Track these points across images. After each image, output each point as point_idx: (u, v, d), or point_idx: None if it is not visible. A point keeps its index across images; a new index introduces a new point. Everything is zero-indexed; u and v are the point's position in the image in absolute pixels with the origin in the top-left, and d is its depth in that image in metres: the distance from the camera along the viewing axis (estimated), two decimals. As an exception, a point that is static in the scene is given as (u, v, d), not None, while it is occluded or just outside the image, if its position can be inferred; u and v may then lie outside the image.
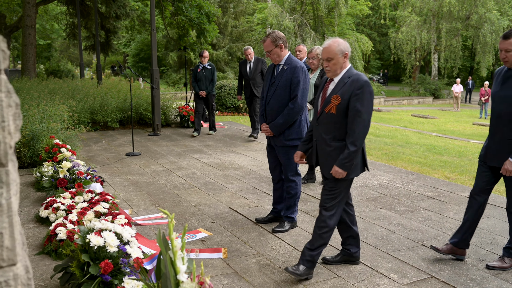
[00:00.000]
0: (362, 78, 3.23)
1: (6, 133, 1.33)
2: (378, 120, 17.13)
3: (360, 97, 3.17)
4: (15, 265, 1.37)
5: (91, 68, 41.60)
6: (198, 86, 9.81)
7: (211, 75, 9.79)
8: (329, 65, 3.29)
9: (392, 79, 47.66)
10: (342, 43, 3.28)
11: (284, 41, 4.34)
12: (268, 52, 4.34)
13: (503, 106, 3.50)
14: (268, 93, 4.43)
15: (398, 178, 6.45)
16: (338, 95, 3.24)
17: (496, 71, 3.73)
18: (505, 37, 3.46)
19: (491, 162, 3.64)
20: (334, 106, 3.25)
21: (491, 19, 30.82)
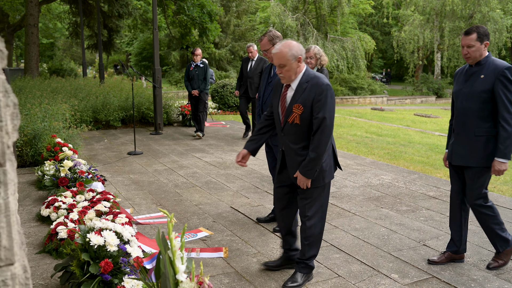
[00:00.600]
0: (322, 81, 3.03)
1: (4, 133, 1.32)
2: (380, 119, 17.10)
3: (323, 103, 2.99)
4: (12, 265, 1.37)
5: (94, 67, 41.65)
6: (191, 85, 9.60)
7: (204, 74, 9.55)
8: (282, 72, 3.06)
9: (395, 78, 47.57)
10: (294, 46, 3.03)
11: (281, 39, 4.34)
12: (265, 51, 4.35)
13: (469, 103, 3.46)
14: (265, 93, 4.43)
15: (400, 178, 6.44)
16: (299, 104, 3.05)
17: (457, 71, 3.72)
18: (466, 33, 3.46)
19: (457, 162, 3.59)
20: (298, 116, 3.07)
21: (495, 18, 30.71)
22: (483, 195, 3.55)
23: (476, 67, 3.49)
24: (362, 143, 10.02)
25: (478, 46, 3.41)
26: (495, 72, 3.37)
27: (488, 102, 3.40)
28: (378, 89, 29.98)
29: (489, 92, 3.38)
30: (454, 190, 3.75)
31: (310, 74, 3.10)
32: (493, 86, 3.36)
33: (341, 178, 6.36)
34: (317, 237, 3.28)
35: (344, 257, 3.82)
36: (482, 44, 3.42)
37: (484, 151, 3.45)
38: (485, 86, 3.39)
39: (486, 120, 3.43)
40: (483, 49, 3.43)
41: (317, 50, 5.34)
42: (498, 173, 3.42)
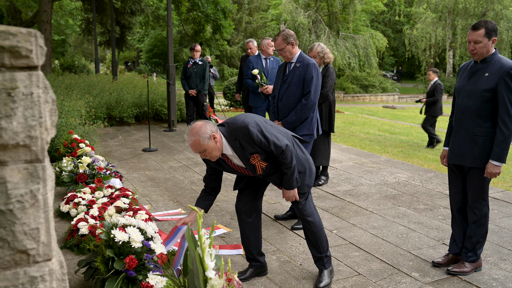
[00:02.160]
0: (242, 128, 2.91)
1: (43, 129, 1.34)
2: (392, 117, 17.00)
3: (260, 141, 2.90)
4: (50, 260, 1.39)
5: (105, 64, 41.87)
6: (188, 84, 8.92)
7: (203, 72, 8.82)
8: (206, 154, 2.88)
9: (406, 76, 47.26)
10: (201, 131, 2.80)
11: (294, 38, 4.34)
12: (280, 50, 4.35)
13: (470, 101, 3.36)
14: (280, 90, 4.44)
15: (416, 176, 6.40)
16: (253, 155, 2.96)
17: (461, 66, 3.60)
18: (474, 28, 3.31)
19: (454, 160, 3.51)
20: (261, 162, 3.00)
21: (508, 16, 30.36)
22: (482, 196, 3.44)
23: (481, 64, 3.37)
24: (375, 141, 9.98)
25: (485, 42, 3.28)
26: (500, 71, 3.25)
27: (489, 102, 3.29)
28: (389, 87, 29.81)
29: (492, 91, 3.27)
30: (452, 191, 3.65)
31: (231, 135, 2.93)
32: (497, 85, 3.25)
33: (357, 176, 6.35)
34: (319, 225, 3.31)
35: (364, 255, 3.81)
36: (490, 40, 3.28)
37: (481, 152, 3.33)
38: (488, 85, 3.28)
39: (486, 120, 3.32)
40: (490, 46, 3.30)
41: (320, 48, 5.27)
42: (491, 175, 3.32)
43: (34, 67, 1.30)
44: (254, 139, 2.88)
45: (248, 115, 3.05)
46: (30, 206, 1.32)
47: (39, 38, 1.30)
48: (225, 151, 2.97)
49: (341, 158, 7.56)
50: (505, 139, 3.25)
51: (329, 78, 5.47)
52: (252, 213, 3.36)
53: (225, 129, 2.97)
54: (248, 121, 2.91)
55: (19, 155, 1.30)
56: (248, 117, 2.98)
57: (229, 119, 3.06)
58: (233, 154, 3.00)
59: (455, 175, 3.60)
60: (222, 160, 3.10)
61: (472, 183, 3.45)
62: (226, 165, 3.13)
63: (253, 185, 3.36)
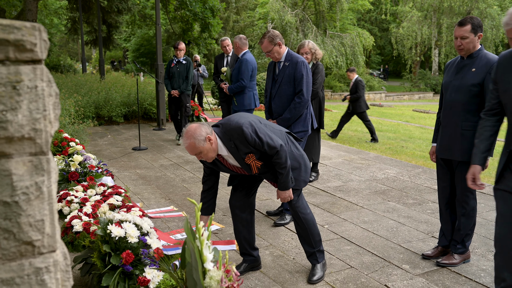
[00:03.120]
0: (236, 129, 2.95)
1: (47, 122, 1.36)
2: (380, 115, 17.16)
3: (255, 141, 2.95)
4: (55, 252, 1.41)
5: (91, 63, 41.54)
6: (171, 84, 8.43)
7: (186, 72, 8.34)
8: (202, 156, 2.93)
9: (393, 75, 47.64)
10: (196, 133, 2.84)
11: (280, 38, 4.37)
12: (268, 52, 4.36)
13: (458, 96, 3.43)
14: (272, 90, 4.48)
15: (405, 172, 6.50)
16: (248, 155, 3.01)
17: (448, 62, 3.67)
18: (460, 24, 3.38)
19: (442, 154, 3.58)
20: (256, 161, 3.05)
21: (492, 15, 30.79)
22: (470, 190, 3.50)
23: (468, 59, 3.44)
24: (363, 138, 10.08)
25: (472, 38, 3.35)
26: (487, 66, 3.32)
27: (477, 96, 3.36)
28: (376, 85, 30.03)
29: (479, 86, 3.33)
30: (441, 185, 3.72)
31: (226, 136, 2.98)
32: (484, 80, 3.31)
33: (347, 173, 6.42)
34: (313, 220, 3.37)
35: (355, 249, 3.87)
36: (476, 36, 3.36)
37: (470, 145, 3.36)
38: (475, 79, 3.35)
39: (474, 114, 3.38)
40: (476, 41, 3.37)
41: (312, 45, 5.32)
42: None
43: (38, 61, 1.32)
44: (248, 139, 2.93)
45: (242, 115, 3.08)
46: (35, 198, 1.34)
47: (43, 32, 1.32)
48: (220, 152, 3.01)
49: (330, 155, 7.63)
50: None
51: (318, 75, 5.52)
52: (246, 208, 3.40)
53: (219, 130, 3.01)
54: (242, 122, 2.95)
55: (24, 147, 1.32)
56: (242, 118, 3.02)
57: (223, 119, 3.09)
58: (228, 155, 3.04)
59: (444, 170, 3.67)
60: (217, 161, 3.13)
61: (461, 177, 3.52)
62: (222, 165, 3.16)
63: (247, 182, 3.40)
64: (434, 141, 3.78)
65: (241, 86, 6.28)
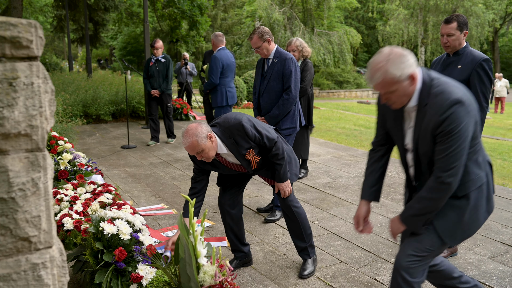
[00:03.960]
0: (236, 125, 2.98)
1: (43, 119, 1.37)
2: (367, 112, 17.28)
3: (255, 136, 3.00)
4: (51, 248, 1.42)
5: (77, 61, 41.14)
6: (150, 84, 8.08)
7: (166, 70, 7.99)
8: (203, 155, 2.89)
9: (379, 72, 47.89)
10: (197, 133, 2.81)
11: (270, 34, 4.39)
12: (257, 48, 4.38)
13: None
14: (260, 87, 4.51)
15: (393, 168, 6.57)
16: (248, 150, 3.04)
17: (434, 60, 3.74)
18: (446, 21, 3.45)
19: None
20: (255, 157, 3.09)
21: (477, 13, 31.16)
22: None
23: (454, 57, 3.51)
24: (351, 135, 10.16)
25: (458, 35, 3.42)
26: (473, 63, 3.38)
27: None
28: (363, 83, 30.23)
29: (465, 82, 3.38)
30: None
31: (225, 134, 3.00)
32: (470, 77, 3.37)
33: (336, 169, 6.47)
34: (304, 215, 3.41)
35: (345, 244, 3.92)
36: (462, 33, 3.43)
37: None
38: (461, 76, 3.40)
39: None
40: (462, 38, 3.44)
41: (299, 42, 5.32)
42: None
43: (34, 58, 1.33)
44: (249, 134, 2.96)
45: (237, 112, 3.13)
46: (31, 194, 1.34)
47: (39, 29, 1.33)
48: (219, 151, 3.02)
49: (319, 152, 7.68)
50: None
51: (307, 72, 5.55)
52: (235, 205, 3.43)
53: (217, 129, 3.02)
54: (240, 118, 2.99)
55: (20, 144, 1.32)
56: (239, 114, 3.06)
57: (218, 119, 3.11)
58: (227, 153, 3.06)
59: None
60: (215, 160, 3.14)
61: None
62: (220, 165, 3.17)
63: (236, 181, 3.43)
64: None
65: (211, 83, 6.30)
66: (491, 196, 2.25)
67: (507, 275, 3.39)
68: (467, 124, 2.00)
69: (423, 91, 2.08)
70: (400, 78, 1.99)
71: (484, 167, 2.22)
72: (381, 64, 1.98)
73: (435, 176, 2.07)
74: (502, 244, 3.96)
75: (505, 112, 19.14)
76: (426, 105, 2.06)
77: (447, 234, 2.19)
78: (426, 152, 2.15)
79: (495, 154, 8.22)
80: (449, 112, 1.98)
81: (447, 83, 2.10)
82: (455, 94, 2.02)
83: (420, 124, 2.11)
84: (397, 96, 2.07)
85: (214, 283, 2.07)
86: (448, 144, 2.01)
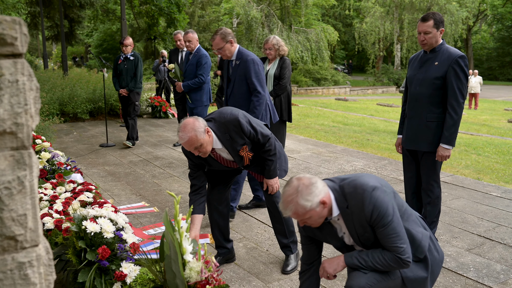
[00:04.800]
0: (232, 120, 2.99)
1: (29, 116, 1.36)
2: (345, 109, 17.46)
3: (250, 131, 3.03)
4: (37, 246, 1.41)
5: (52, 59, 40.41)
6: (119, 82, 7.78)
7: (134, 68, 7.66)
8: (201, 150, 2.89)
9: (356, 69, 48.49)
10: (195, 127, 2.81)
11: (232, 36, 4.34)
12: (220, 49, 4.32)
13: (422, 88, 3.57)
14: (227, 89, 4.51)
15: (372, 164, 6.67)
16: (242, 147, 3.06)
17: (411, 57, 3.82)
18: (423, 19, 3.53)
19: (408, 146, 3.71)
20: (248, 153, 3.11)
21: (451, 10, 31.73)
22: (435, 179, 3.65)
23: (431, 54, 3.59)
24: (330, 132, 10.26)
25: (434, 33, 3.50)
26: (449, 60, 3.47)
27: (440, 89, 3.51)
28: (341, 80, 30.49)
29: (442, 79, 3.48)
30: (407, 175, 3.86)
31: (220, 129, 3.00)
32: (446, 73, 3.46)
33: (316, 166, 6.54)
34: None
35: (327, 239, 3.96)
36: (438, 31, 3.51)
37: (434, 136, 3.55)
38: (438, 73, 3.49)
39: (438, 106, 3.53)
40: (438, 36, 3.52)
41: (276, 41, 5.24)
42: (442, 158, 3.54)
43: (19, 55, 1.32)
44: (244, 130, 2.98)
45: (232, 108, 3.13)
46: (17, 192, 1.33)
47: (23, 26, 1.32)
48: (214, 146, 3.02)
49: (299, 148, 7.74)
50: (454, 123, 3.49)
51: (286, 69, 5.49)
52: (222, 202, 3.44)
53: (213, 124, 3.01)
54: (237, 113, 3.00)
55: (6, 142, 1.31)
56: (234, 110, 3.07)
57: (213, 113, 3.09)
58: (222, 148, 3.05)
59: (409, 160, 3.81)
60: (209, 156, 3.13)
61: (426, 166, 3.66)
62: (213, 161, 3.16)
63: (225, 177, 3.43)
64: (399, 133, 3.92)
65: (200, 82, 6.19)
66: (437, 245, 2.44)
67: (484, 267, 3.49)
68: (389, 201, 2.16)
69: (338, 200, 2.20)
70: (311, 207, 2.11)
71: (420, 221, 2.40)
72: (291, 198, 2.10)
73: (393, 253, 2.17)
74: (479, 236, 4.07)
75: (478, 108, 19.57)
76: (347, 207, 2.18)
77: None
78: (374, 242, 2.25)
79: (470, 149, 8.42)
80: (371, 203, 2.12)
81: (354, 179, 2.24)
82: (366, 184, 2.17)
83: (353, 226, 2.22)
84: (313, 220, 2.19)
85: (200, 279, 2.08)
86: (386, 228, 2.14)
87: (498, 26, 45.82)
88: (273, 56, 5.26)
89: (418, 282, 2.28)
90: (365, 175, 2.26)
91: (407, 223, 2.28)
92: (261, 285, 3.20)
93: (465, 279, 3.30)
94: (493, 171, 6.68)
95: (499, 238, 4.01)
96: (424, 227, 2.40)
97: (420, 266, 2.30)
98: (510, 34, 43.23)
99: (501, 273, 3.38)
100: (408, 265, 2.17)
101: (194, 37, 6.28)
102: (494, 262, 3.56)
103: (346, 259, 2.28)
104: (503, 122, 14.55)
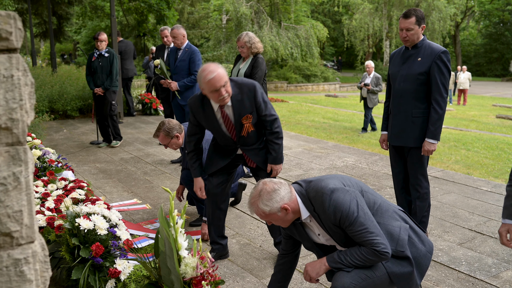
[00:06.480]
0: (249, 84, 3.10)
1: (24, 112, 1.35)
2: (335, 105, 17.51)
3: (261, 103, 3.10)
4: (33, 242, 1.40)
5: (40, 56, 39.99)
6: (93, 81, 7.31)
7: (109, 66, 7.18)
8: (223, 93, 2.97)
9: (346, 66, 48.59)
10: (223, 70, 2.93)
11: (177, 129, 4.08)
12: (165, 145, 4.12)
13: (406, 84, 3.59)
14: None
15: (363, 159, 6.70)
16: (247, 114, 3.10)
17: (392, 53, 3.86)
18: (405, 16, 3.55)
19: (395, 142, 3.73)
20: (250, 125, 3.14)
21: (439, 7, 31.93)
22: (422, 173, 3.68)
23: (413, 50, 3.61)
24: (320, 128, 10.28)
25: (416, 29, 3.52)
26: (432, 55, 3.50)
27: (424, 84, 3.54)
28: (330, 77, 30.54)
29: (426, 74, 3.52)
30: (395, 171, 3.88)
31: (238, 81, 3.11)
32: (430, 69, 3.49)
33: (307, 162, 6.55)
34: None
35: (320, 234, 3.98)
36: (420, 27, 3.54)
37: (420, 132, 3.57)
38: (422, 68, 3.52)
39: (422, 101, 3.57)
40: (420, 32, 3.55)
41: (248, 38, 5.05)
42: (427, 153, 3.57)
43: (14, 50, 1.31)
44: (257, 97, 3.06)
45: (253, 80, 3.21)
46: (13, 188, 1.32)
47: (18, 21, 1.30)
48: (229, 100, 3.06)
49: (290, 144, 7.75)
50: (439, 117, 3.53)
51: (258, 68, 5.15)
52: (225, 199, 3.45)
53: (234, 84, 3.09)
54: (256, 83, 3.11)
55: (1, 137, 1.30)
56: (254, 82, 3.15)
57: (231, 77, 3.16)
58: (230, 106, 3.09)
59: (396, 156, 3.84)
60: (214, 116, 3.14)
61: (413, 162, 3.70)
62: (216, 121, 3.16)
63: (224, 169, 3.40)
64: (383, 129, 3.93)
65: (196, 79, 5.82)
66: (423, 237, 2.42)
67: (476, 260, 3.53)
68: (351, 200, 2.19)
69: (305, 203, 2.27)
70: (270, 212, 2.21)
71: (398, 215, 2.39)
72: (254, 200, 2.24)
73: (368, 247, 2.18)
74: (470, 230, 4.12)
75: (467, 104, 19.73)
76: (314, 209, 2.25)
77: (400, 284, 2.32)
78: (349, 240, 2.28)
79: (460, 145, 8.49)
80: (331, 205, 2.17)
81: (317, 182, 2.29)
82: (325, 187, 2.23)
83: (325, 226, 2.28)
84: (278, 222, 2.30)
85: (196, 275, 2.08)
86: (353, 225, 2.17)
87: (485, 23, 46.21)
88: (246, 54, 5.12)
89: (404, 277, 2.28)
90: (328, 176, 2.32)
91: (382, 219, 2.30)
92: (255, 281, 3.21)
93: (457, 273, 3.33)
94: (482, 166, 6.75)
95: (490, 232, 4.06)
96: (405, 219, 2.40)
97: (403, 260, 2.30)
98: (497, 30, 43.62)
99: (492, 267, 3.42)
100: (387, 256, 2.17)
101: (180, 32, 5.98)
102: (486, 256, 3.60)
103: (328, 260, 2.29)
104: (491, 118, 14.69)
